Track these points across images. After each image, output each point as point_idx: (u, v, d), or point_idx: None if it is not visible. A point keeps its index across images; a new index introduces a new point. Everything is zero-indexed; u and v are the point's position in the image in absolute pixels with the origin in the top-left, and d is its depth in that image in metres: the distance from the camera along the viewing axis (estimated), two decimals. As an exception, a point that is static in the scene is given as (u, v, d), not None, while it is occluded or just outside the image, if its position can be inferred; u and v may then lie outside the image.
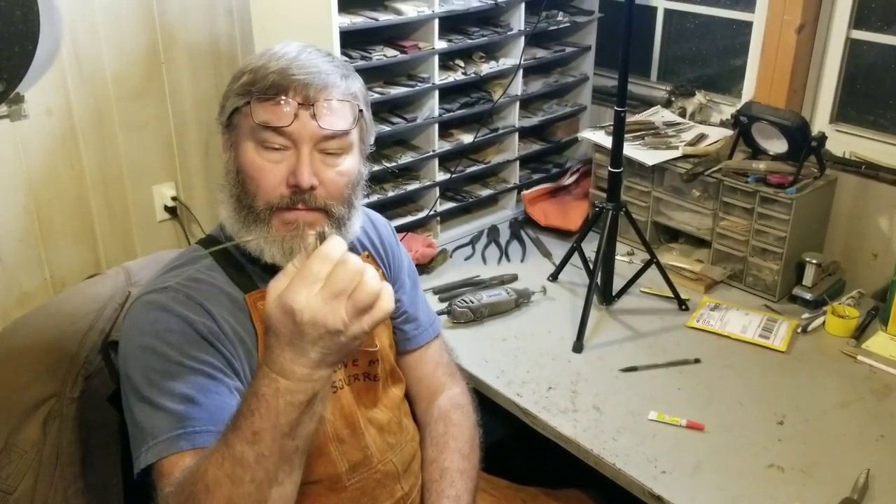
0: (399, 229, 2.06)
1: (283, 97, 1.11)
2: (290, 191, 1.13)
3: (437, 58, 1.98)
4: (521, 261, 2.11)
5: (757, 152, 1.97)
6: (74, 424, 1.23)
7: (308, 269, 0.85)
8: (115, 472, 1.27)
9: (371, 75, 1.96)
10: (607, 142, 1.96)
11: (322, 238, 0.87)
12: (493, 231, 2.24)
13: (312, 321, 0.84)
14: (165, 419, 1.04)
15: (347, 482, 1.23)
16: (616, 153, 1.78)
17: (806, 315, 1.83)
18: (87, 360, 1.26)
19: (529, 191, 2.30)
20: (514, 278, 1.99)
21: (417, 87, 1.98)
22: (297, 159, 1.13)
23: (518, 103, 2.22)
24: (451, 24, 2.08)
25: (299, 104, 1.11)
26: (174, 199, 2.36)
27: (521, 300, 1.87)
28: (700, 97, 2.27)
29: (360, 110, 1.17)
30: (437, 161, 2.10)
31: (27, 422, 1.20)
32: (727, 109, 2.23)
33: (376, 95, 1.92)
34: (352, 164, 1.18)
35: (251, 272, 1.19)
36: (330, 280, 0.84)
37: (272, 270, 1.16)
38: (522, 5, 2.11)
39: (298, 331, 0.85)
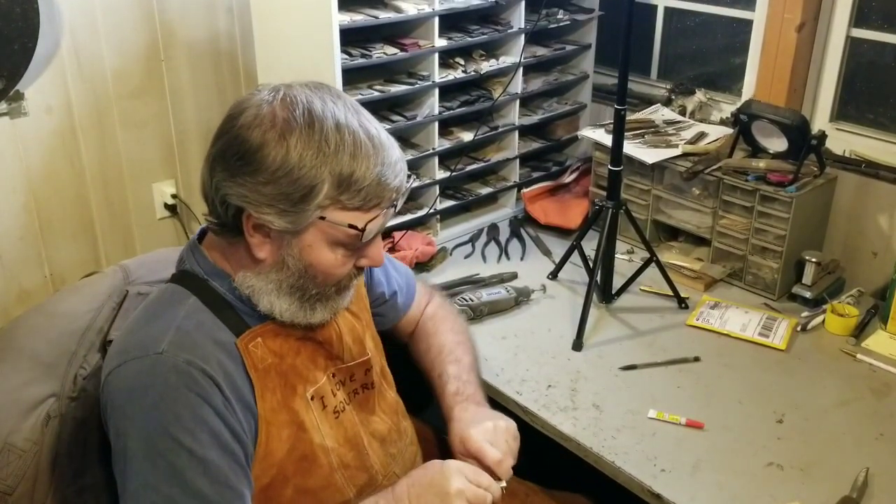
0: (399, 227, 2.07)
1: (381, 209, 1.09)
2: (356, 270, 1.17)
3: (437, 56, 1.98)
4: (521, 259, 2.11)
5: (757, 151, 1.97)
6: (73, 424, 1.22)
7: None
8: (113, 476, 1.25)
9: (371, 73, 1.96)
10: (607, 140, 1.96)
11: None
12: (493, 229, 2.24)
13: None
14: None
15: None
16: (616, 151, 1.78)
17: (805, 313, 1.83)
18: (86, 359, 1.25)
19: (529, 189, 2.30)
20: (514, 276, 1.99)
21: (417, 85, 1.98)
22: (371, 247, 1.15)
23: (518, 101, 2.22)
24: (452, 21, 2.07)
25: (390, 205, 1.11)
26: (174, 196, 2.36)
27: (521, 298, 1.87)
28: (700, 95, 2.26)
29: None
30: (436, 159, 2.10)
31: (26, 422, 1.19)
32: (727, 108, 2.22)
33: (376, 93, 1.92)
34: None
35: (240, 310, 1.15)
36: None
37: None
38: (523, 3, 2.10)
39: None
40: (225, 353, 1.10)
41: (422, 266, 2.02)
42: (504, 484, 1.23)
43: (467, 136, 2.14)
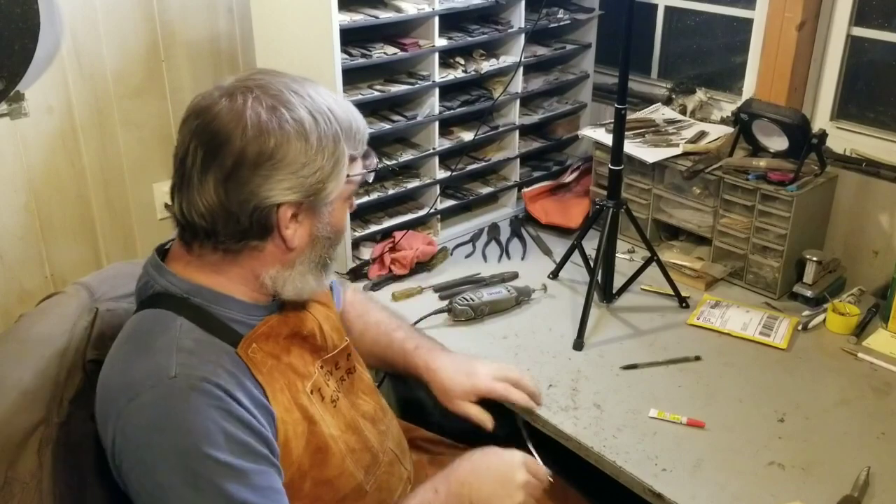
0: (399, 227, 2.07)
1: (369, 150, 1.20)
2: None
3: (437, 55, 1.98)
4: (522, 259, 2.11)
5: (757, 150, 1.97)
6: (65, 450, 1.19)
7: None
8: (111, 492, 1.21)
9: (371, 73, 1.96)
10: (608, 139, 1.96)
11: None
12: (494, 229, 2.24)
13: None
14: None
15: (367, 486, 1.26)
16: (616, 151, 1.78)
17: (806, 312, 1.83)
18: (68, 381, 1.21)
19: (530, 188, 2.30)
20: (515, 276, 1.99)
21: (418, 85, 1.98)
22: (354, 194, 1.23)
23: (518, 101, 2.22)
24: (452, 21, 2.07)
25: None
26: (175, 196, 2.36)
27: (522, 298, 1.87)
28: (701, 94, 2.26)
29: None
30: (437, 159, 2.10)
31: (23, 453, 1.15)
32: (728, 107, 2.22)
33: (376, 93, 1.92)
34: None
35: (227, 320, 1.14)
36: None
37: (247, 310, 1.16)
38: (523, 3, 2.10)
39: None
40: (230, 362, 1.10)
41: (422, 266, 2.02)
42: (550, 476, 1.33)
43: (468, 136, 2.14)
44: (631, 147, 2.04)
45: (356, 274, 1.98)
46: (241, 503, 1.03)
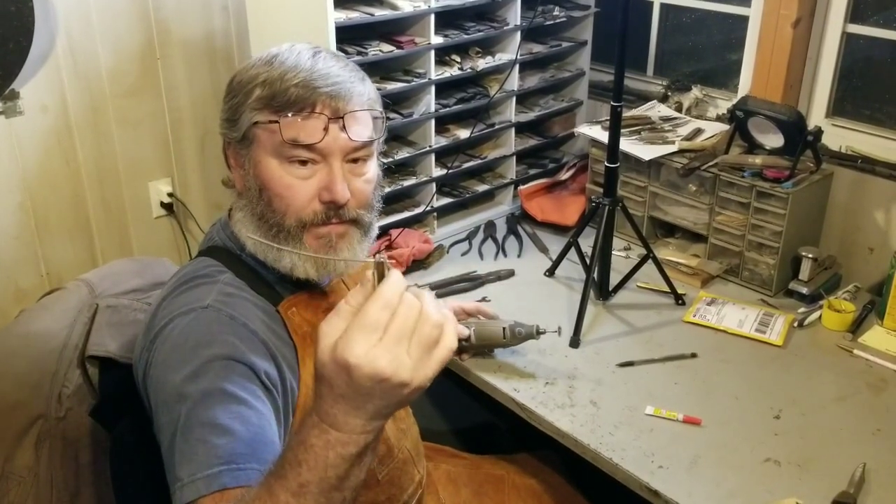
0: (395, 225, 2.07)
1: (312, 112, 1.09)
2: (323, 206, 1.12)
3: (433, 53, 1.98)
4: (518, 256, 2.11)
5: (753, 147, 1.97)
6: (63, 445, 1.20)
7: (366, 316, 0.74)
8: (107, 489, 1.23)
9: (367, 71, 1.94)
10: (604, 137, 1.96)
11: (381, 272, 0.77)
12: (490, 226, 2.24)
13: (373, 375, 0.74)
14: (204, 454, 0.94)
15: (380, 476, 1.26)
16: (612, 148, 1.78)
17: (802, 309, 1.83)
18: (66, 377, 1.22)
19: (526, 186, 2.29)
20: (511, 274, 1.99)
21: (413, 83, 1.98)
22: (328, 174, 1.11)
23: (514, 98, 2.21)
24: (447, 19, 2.07)
25: (328, 118, 1.09)
26: (170, 195, 2.36)
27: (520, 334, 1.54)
28: (696, 92, 2.26)
29: (381, 114, 1.17)
30: (433, 157, 2.10)
31: (20, 447, 1.17)
32: (723, 104, 2.23)
33: (372, 91, 1.92)
34: (375, 169, 1.18)
35: (274, 283, 1.16)
36: (391, 327, 0.75)
37: (299, 283, 1.16)
38: (519, 0, 2.10)
39: (354, 386, 0.76)
40: (267, 316, 1.12)
41: (419, 264, 2.02)
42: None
43: (464, 134, 2.14)
44: (627, 144, 2.04)
45: (352, 272, 1.98)
46: (232, 396, 1.00)
